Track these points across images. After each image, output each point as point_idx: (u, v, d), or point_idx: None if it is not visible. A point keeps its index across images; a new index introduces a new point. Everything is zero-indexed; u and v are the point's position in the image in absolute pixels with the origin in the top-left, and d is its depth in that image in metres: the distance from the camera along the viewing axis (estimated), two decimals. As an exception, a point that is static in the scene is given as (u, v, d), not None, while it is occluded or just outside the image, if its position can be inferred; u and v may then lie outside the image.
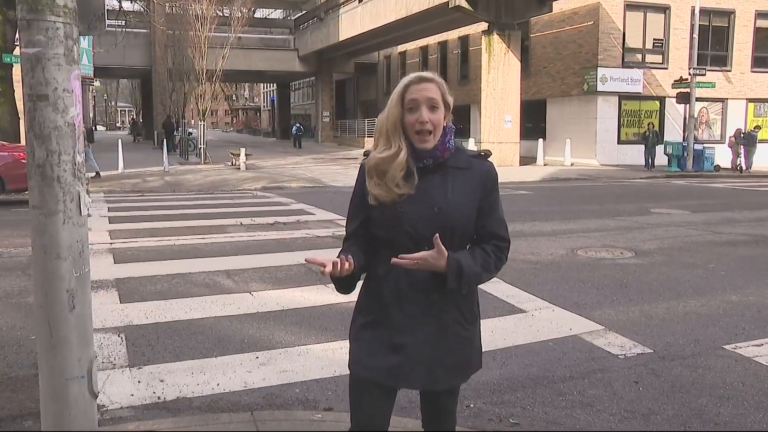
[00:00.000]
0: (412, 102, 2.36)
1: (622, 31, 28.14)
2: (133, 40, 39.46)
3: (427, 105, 2.35)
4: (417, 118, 2.34)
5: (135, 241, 9.64)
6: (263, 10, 63.84)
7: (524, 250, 9.20)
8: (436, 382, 2.42)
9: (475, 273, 2.36)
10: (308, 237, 10.19)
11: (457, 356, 2.44)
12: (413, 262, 2.25)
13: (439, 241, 2.24)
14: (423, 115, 2.34)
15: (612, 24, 27.89)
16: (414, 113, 2.35)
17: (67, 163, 2.79)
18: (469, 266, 2.34)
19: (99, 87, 70.60)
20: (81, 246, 2.87)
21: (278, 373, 4.58)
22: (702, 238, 10.39)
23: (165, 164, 23.51)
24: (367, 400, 2.42)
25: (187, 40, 30.74)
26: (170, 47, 36.60)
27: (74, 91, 2.79)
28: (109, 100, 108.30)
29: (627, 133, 28.89)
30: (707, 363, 4.88)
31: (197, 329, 5.56)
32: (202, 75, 28.87)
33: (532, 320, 5.91)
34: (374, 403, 2.42)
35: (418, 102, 2.35)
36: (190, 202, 14.95)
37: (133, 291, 6.78)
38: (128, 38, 29.15)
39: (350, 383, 2.48)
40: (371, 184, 2.39)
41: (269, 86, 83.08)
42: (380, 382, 2.38)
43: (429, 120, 2.34)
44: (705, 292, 7.01)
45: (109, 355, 4.87)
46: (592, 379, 4.55)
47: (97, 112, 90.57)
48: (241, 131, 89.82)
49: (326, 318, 5.83)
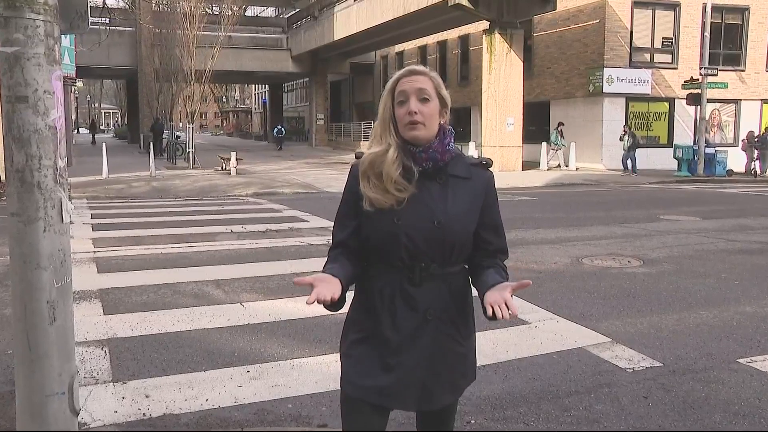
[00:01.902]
0: (402, 94, 2.33)
1: (629, 30, 28.20)
2: (118, 39, 39.43)
3: (417, 96, 2.31)
4: (406, 110, 2.31)
5: (120, 250, 9.62)
6: (254, 8, 63.88)
7: (527, 258, 9.20)
8: (430, 402, 2.40)
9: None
10: (301, 245, 10.17)
11: (452, 373, 2.43)
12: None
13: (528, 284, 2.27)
14: (411, 105, 2.30)
15: (619, 22, 27.96)
16: (403, 106, 2.32)
17: (48, 168, 2.77)
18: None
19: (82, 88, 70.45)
20: (62, 255, 2.86)
21: (270, 388, 4.56)
22: (714, 246, 10.40)
23: (152, 169, 23.48)
24: (359, 420, 2.40)
25: (175, 39, 30.76)
26: (157, 46, 36.61)
27: (56, 93, 2.78)
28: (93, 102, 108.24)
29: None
30: (721, 377, 4.87)
31: (185, 342, 5.54)
32: (191, 75, 28.90)
33: (536, 332, 5.90)
34: (367, 423, 2.39)
35: (407, 93, 2.31)
36: (178, 209, 14.93)
37: (117, 302, 6.76)
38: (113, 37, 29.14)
39: (341, 402, 2.46)
40: (366, 186, 2.34)
41: (261, 87, 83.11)
42: (372, 402, 2.36)
43: (419, 110, 2.30)
44: (717, 302, 7.00)
45: (92, 370, 4.85)
46: (599, 393, 4.54)
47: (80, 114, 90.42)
48: (232, 134, 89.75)
49: (320, 330, 5.82)
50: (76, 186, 18.53)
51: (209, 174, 25.09)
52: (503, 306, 2.17)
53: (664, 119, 29.30)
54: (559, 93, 30.61)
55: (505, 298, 2.19)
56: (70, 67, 23.05)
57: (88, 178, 20.72)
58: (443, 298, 2.36)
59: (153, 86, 40.62)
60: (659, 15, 28.96)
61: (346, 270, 2.38)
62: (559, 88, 30.58)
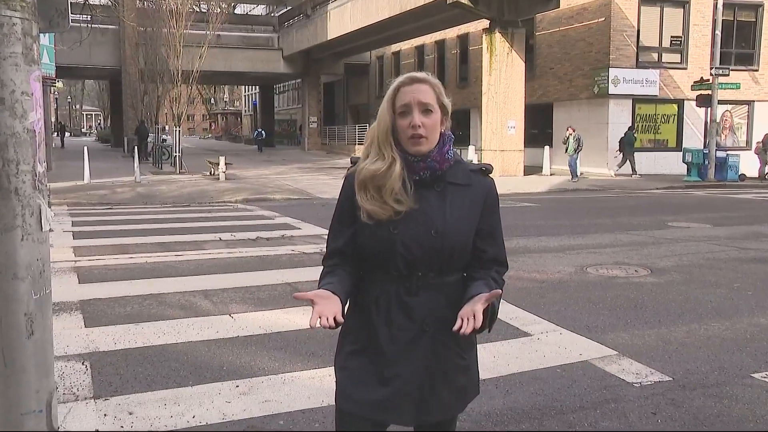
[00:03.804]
0: (404, 106, 2.35)
1: (636, 28, 28.29)
2: (101, 37, 39.32)
3: (419, 108, 2.33)
4: (409, 123, 2.33)
5: (102, 259, 9.59)
6: (244, 6, 63.98)
7: (529, 267, 9.20)
8: (429, 416, 2.41)
9: (497, 310, 2.38)
10: (294, 253, 10.17)
11: (452, 387, 2.43)
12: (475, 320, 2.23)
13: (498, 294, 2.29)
14: (415, 119, 2.32)
15: (625, 20, 28.04)
16: (406, 118, 2.34)
17: (27, 174, 2.76)
18: (497, 304, 2.37)
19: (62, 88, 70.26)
20: (41, 265, 2.85)
21: (260, 404, 4.55)
22: (725, 254, 10.41)
23: (136, 174, 23.49)
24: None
25: (161, 38, 30.79)
26: (142, 45, 36.58)
27: (34, 94, 2.77)
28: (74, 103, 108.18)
29: (642, 139, 28.87)
30: (734, 393, 4.86)
31: (171, 355, 5.52)
32: (177, 76, 28.91)
33: (539, 344, 5.90)
34: None
35: (410, 105, 2.33)
36: (164, 216, 14.91)
37: (99, 314, 6.74)
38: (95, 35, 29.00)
39: (336, 417, 2.46)
40: (364, 198, 2.36)
41: (251, 89, 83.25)
42: (368, 417, 2.36)
43: (422, 124, 2.32)
44: (730, 314, 7.00)
45: (72, 386, 4.83)
46: (605, 409, 4.53)
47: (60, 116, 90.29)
48: (221, 138, 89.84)
49: (313, 342, 5.80)
50: (56, 192, 18.49)
51: (197, 179, 25.09)
52: (470, 319, 2.20)
53: (673, 122, 29.37)
54: (562, 94, 30.68)
55: (475, 310, 2.21)
56: (49, 66, 23.01)
57: (69, 183, 20.69)
58: (441, 308, 2.37)
59: (138, 87, 40.51)
60: (668, 12, 29.02)
61: (345, 284, 2.39)
62: (563, 89, 30.65)
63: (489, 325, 2.31)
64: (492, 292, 2.25)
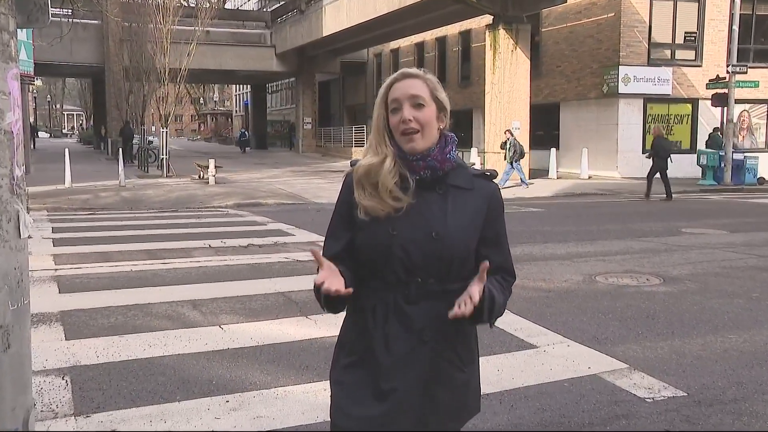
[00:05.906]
0: (395, 102, 2.39)
1: (648, 24, 28.31)
2: (82, 33, 39.21)
3: (410, 102, 2.37)
4: (400, 118, 2.37)
5: (84, 267, 9.58)
6: (235, 1, 64.14)
7: (535, 275, 9.20)
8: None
9: (501, 305, 2.39)
10: (287, 261, 10.17)
11: (451, 401, 2.43)
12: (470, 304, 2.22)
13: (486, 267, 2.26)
14: (405, 113, 2.36)
15: (636, 15, 28.06)
16: (397, 114, 2.38)
17: (4, 177, 2.76)
18: (499, 296, 2.36)
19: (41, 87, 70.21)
20: (19, 274, 2.84)
21: (252, 420, 4.54)
22: (743, 262, 10.42)
23: (121, 177, 23.47)
24: None
25: (147, 34, 30.86)
26: (126, 42, 36.68)
27: (11, 93, 2.77)
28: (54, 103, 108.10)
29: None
30: (753, 409, 4.85)
31: (157, 369, 5.52)
32: (164, 74, 28.91)
33: (545, 357, 5.89)
34: None
35: (400, 101, 2.37)
36: (151, 222, 14.91)
37: (81, 325, 6.72)
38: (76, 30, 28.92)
39: (331, 434, 2.46)
40: (361, 195, 2.38)
41: (242, 88, 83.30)
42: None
43: (413, 118, 2.35)
44: (748, 325, 7.00)
45: (51, 402, 4.82)
46: (615, 426, 4.53)
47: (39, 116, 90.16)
48: (210, 140, 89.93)
49: (307, 355, 5.80)
50: (36, 196, 18.50)
51: (185, 183, 25.09)
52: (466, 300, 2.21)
53: (687, 122, 29.36)
54: (569, 94, 30.70)
55: (471, 291, 2.23)
56: (27, 63, 23.01)
57: (49, 187, 20.68)
58: (441, 318, 2.35)
59: (122, 86, 40.53)
60: (681, 7, 28.93)
61: (348, 275, 2.38)
62: (570, 88, 30.66)
63: (489, 316, 2.32)
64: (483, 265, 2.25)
